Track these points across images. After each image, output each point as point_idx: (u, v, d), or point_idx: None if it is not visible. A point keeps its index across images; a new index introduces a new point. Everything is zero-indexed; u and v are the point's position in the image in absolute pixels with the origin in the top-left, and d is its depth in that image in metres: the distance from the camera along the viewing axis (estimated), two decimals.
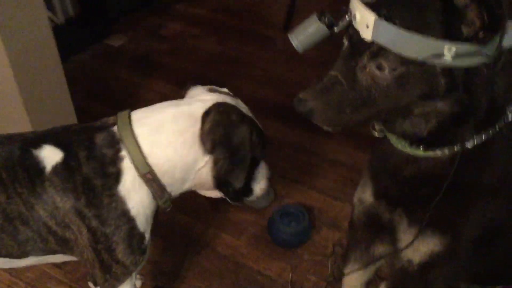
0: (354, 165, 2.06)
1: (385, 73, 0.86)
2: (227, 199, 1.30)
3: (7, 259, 1.18)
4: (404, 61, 0.83)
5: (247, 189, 1.29)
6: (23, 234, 1.13)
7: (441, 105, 0.89)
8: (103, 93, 2.48)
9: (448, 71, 0.84)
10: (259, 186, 1.31)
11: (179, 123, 1.14)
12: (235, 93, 1.28)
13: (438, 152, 0.98)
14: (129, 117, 1.16)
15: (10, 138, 1.16)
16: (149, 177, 1.14)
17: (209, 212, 1.92)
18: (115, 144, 1.13)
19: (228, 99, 1.20)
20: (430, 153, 0.99)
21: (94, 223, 1.12)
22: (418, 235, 1.08)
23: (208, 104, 1.16)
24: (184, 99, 1.23)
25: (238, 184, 1.19)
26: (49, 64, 1.64)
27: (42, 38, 1.56)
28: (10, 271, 1.72)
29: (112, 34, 2.83)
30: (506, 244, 1.11)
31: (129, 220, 1.14)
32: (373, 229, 1.27)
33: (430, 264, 1.11)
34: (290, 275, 1.72)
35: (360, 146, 2.14)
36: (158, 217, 1.27)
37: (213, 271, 1.71)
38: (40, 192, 1.10)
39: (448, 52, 0.80)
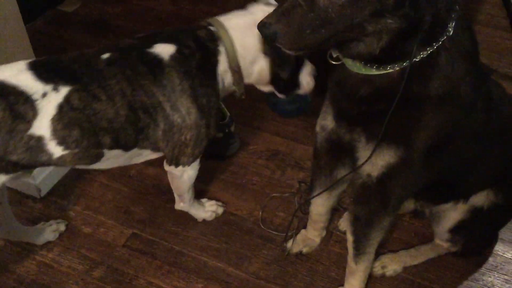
0: (313, 110, 2.15)
1: None
2: (277, 92, 1.66)
3: (117, 152, 1.38)
4: None
5: (295, 84, 1.64)
6: (142, 121, 1.35)
7: (391, 22, 0.98)
8: None
9: None
10: (305, 80, 1.63)
11: (253, 29, 1.38)
12: None
13: (389, 69, 1.08)
14: (222, 21, 1.47)
15: (117, 46, 1.40)
16: (235, 69, 1.48)
17: None
18: (215, 40, 1.44)
19: None
20: (382, 71, 1.09)
21: (204, 100, 1.42)
22: (375, 150, 1.19)
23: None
24: (248, 9, 1.54)
25: (284, 75, 1.55)
26: (12, 27, 1.65)
27: (5, 1, 1.58)
28: None
29: (65, 0, 2.80)
30: (453, 149, 1.23)
31: (218, 98, 1.49)
32: (335, 154, 1.38)
33: (387, 175, 1.23)
34: (260, 213, 1.82)
35: (318, 93, 2.25)
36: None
37: (187, 215, 1.79)
38: (160, 79, 1.35)
39: None
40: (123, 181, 1.89)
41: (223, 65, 1.46)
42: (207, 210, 1.79)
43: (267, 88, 1.63)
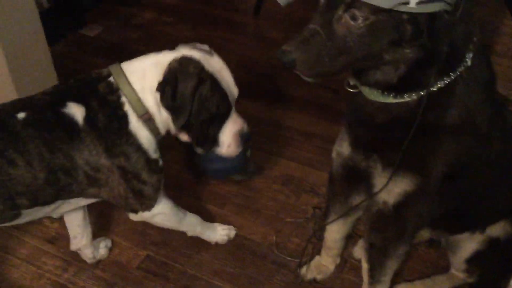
0: (328, 136, 2.17)
1: (359, 23, 0.97)
2: (194, 145, 1.47)
3: (37, 208, 1.33)
4: (375, 10, 0.94)
5: (213, 140, 1.45)
6: (63, 182, 1.31)
7: (408, 52, 1.00)
8: None
9: (413, 18, 0.95)
10: (227, 139, 1.44)
11: (157, 70, 1.34)
12: None
13: (406, 98, 1.10)
14: (121, 68, 1.36)
15: (31, 102, 1.33)
16: (146, 117, 1.35)
17: (194, 186, 2.00)
18: (115, 92, 1.33)
19: (197, 54, 1.37)
20: (399, 100, 1.11)
21: (122, 159, 1.34)
22: (391, 177, 1.19)
23: (177, 55, 1.36)
24: (166, 51, 1.40)
25: (176, 125, 1.37)
26: (37, 47, 1.70)
27: (31, 23, 1.62)
28: (4, 248, 1.77)
29: (86, 24, 2.87)
30: (469, 179, 1.23)
31: (143, 152, 1.38)
32: (351, 180, 1.38)
33: (403, 203, 1.23)
34: (274, 238, 1.82)
35: (333, 119, 2.26)
36: None
37: (201, 239, 1.80)
38: (77, 144, 1.30)
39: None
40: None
41: (132, 116, 1.34)
42: (220, 234, 1.79)
43: (185, 138, 1.46)
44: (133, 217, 1.51)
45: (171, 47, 1.44)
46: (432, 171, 1.18)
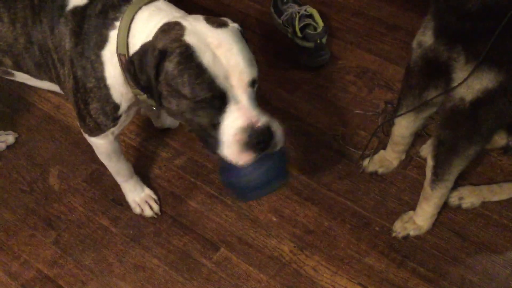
0: (413, 30, 2.01)
1: None
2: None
3: (28, 76, 1.34)
4: None
5: (213, 136, 1.07)
6: (38, 58, 1.26)
7: None
8: None
9: None
10: (225, 137, 1.05)
11: (154, 29, 1.11)
12: None
13: None
14: (151, 1, 1.16)
15: None
16: (123, 60, 1.14)
17: (267, 69, 1.99)
18: (117, 11, 1.14)
19: (191, 23, 1.07)
20: None
21: (80, 73, 1.19)
22: (474, 71, 1.11)
23: (176, 20, 1.09)
24: (183, 14, 1.16)
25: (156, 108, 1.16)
26: None
27: None
28: None
29: None
30: None
31: (105, 86, 1.20)
32: (429, 74, 1.31)
33: (482, 101, 1.16)
34: (341, 128, 1.80)
35: (421, 12, 2.09)
36: None
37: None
38: (54, 26, 1.19)
39: None
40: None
41: (111, 45, 1.15)
42: (135, 199, 1.62)
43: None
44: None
45: None
46: None
